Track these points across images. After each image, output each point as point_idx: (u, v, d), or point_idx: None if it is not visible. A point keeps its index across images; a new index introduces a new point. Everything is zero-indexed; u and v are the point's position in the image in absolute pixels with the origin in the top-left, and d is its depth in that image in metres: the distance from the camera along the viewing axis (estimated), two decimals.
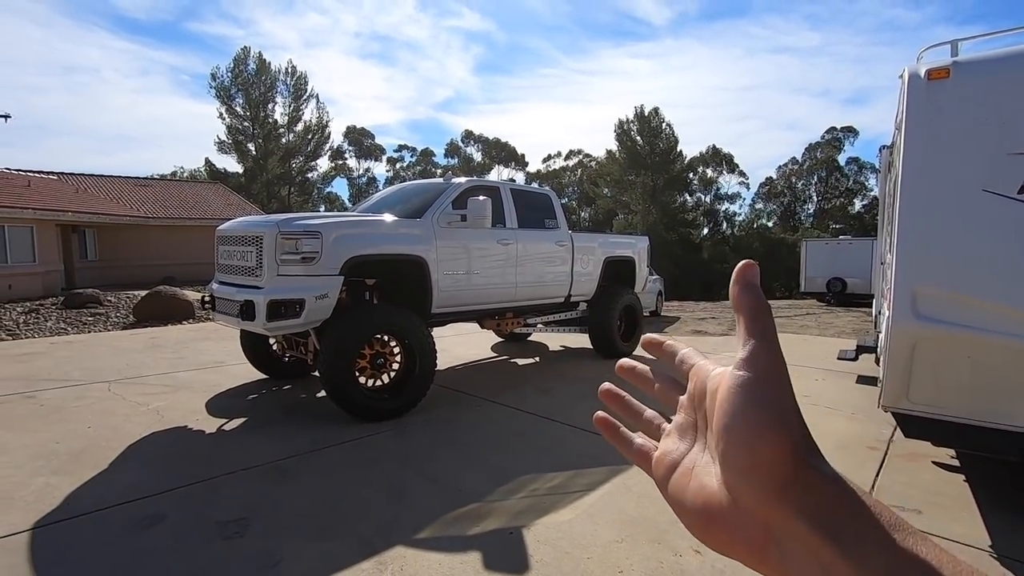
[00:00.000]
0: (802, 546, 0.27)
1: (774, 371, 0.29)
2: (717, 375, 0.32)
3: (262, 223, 4.40)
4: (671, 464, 0.34)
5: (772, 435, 0.28)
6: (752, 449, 0.28)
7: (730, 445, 0.29)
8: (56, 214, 15.69)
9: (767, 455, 0.27)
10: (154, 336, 8.88)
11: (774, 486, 0.27)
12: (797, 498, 0.27)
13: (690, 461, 0.33)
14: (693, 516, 0.32)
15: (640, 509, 2.97)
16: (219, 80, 38.39)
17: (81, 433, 4.04)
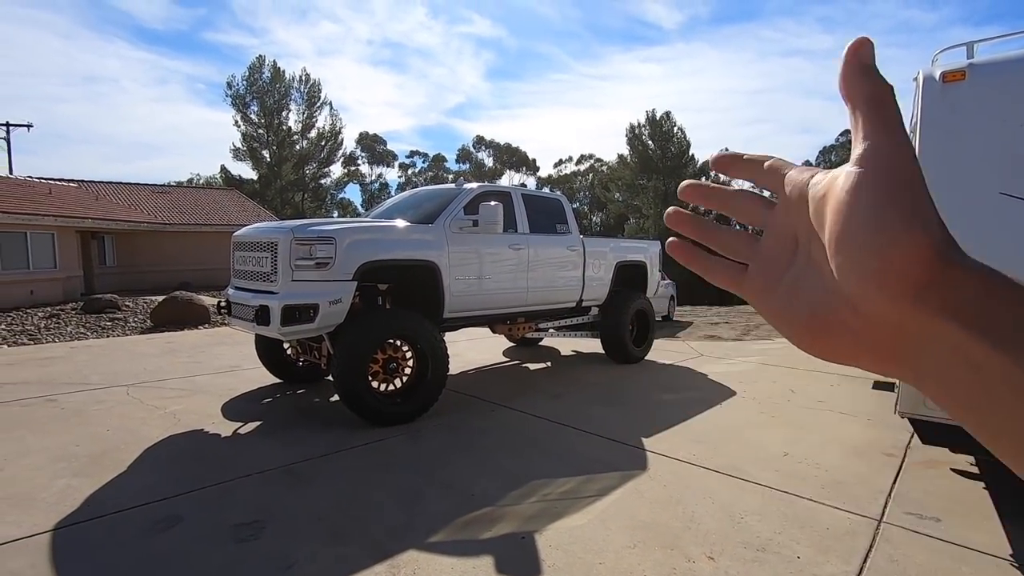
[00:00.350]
0: (947, 346, 0.25)
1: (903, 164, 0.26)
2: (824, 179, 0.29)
3: (277, 229, 4.46)
4: (769, 281, 0.32)
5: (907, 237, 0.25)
6: (882, 254, 0.25)
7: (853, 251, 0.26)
8: (76, 221, 15.99)
9: (901, 259, 0.25)
10: (171, 341, 9.01)
11: (911, 290, 0.25)
12: (939, 298, 0.25)
13: (792, 275, 0.31)
14: (802, 330, 0.30)
15: (652, 515, 2.95)
16: (235, 88, 38.98)
17: (100, 436, 4.11)
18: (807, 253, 0.30)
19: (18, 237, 14.37)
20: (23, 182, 18.52)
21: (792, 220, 0.32)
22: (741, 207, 0.36)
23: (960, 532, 2.79)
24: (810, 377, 6.32)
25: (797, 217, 0.31)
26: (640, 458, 3.78)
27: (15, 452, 3.78)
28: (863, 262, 0.26)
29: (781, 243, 0.32)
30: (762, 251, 0.34)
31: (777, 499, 3.15)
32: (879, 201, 0.25)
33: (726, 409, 5.04)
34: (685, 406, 5.08)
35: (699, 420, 4.68)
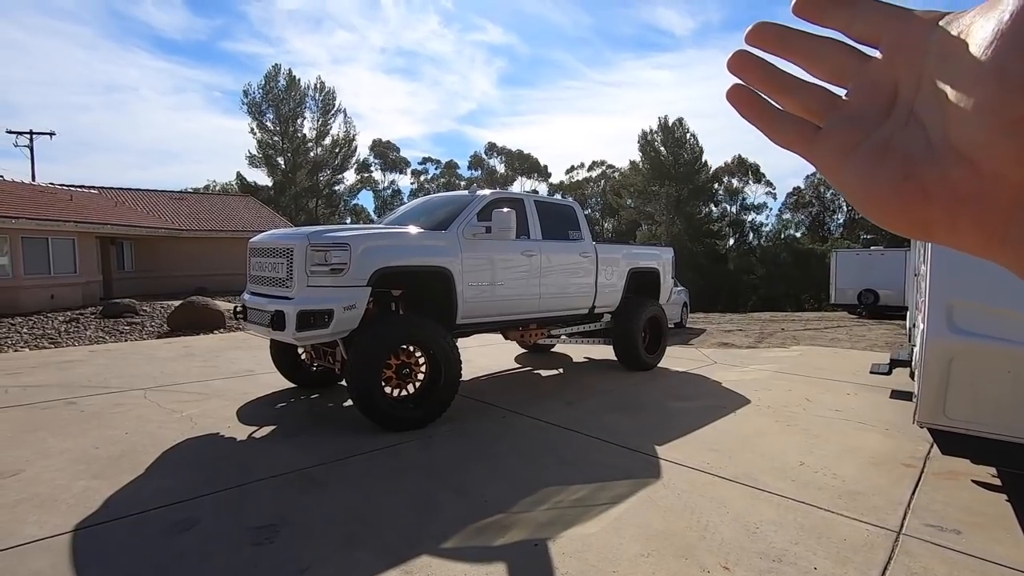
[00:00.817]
0: None
1: None
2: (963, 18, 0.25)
3: (293, 235, 4.52)
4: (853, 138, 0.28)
5: None
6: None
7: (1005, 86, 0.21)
8: (96, 227, 16.30)
9: None
10: (187, 345, 9.13)
11: None
12: None
13: (882, 135, 0.27)
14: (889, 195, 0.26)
15: (666, 523, 2.93)
16: (251, 96, 39.60)
17: (119, 439, 4.17)
18: (908, 108, 0.26)
19: (40, 242, 14.68)
20: (45, 188, 18.92)
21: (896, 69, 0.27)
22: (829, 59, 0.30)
23: (982, 545, 2.74)
24: (825, 386, 6.24)
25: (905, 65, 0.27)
26: (654, 466, 3.76)
27: (37, 454, 3.85)
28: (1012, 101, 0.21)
29: (874, 96, 0.28)
30: (846, 106, 0.29)
31: (793, 509, 3.11)
32: None
33: (740, 417, 4.99)
34: (699, 414, 5.04)
35: (713, 428, 4.64)
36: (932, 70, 0.25)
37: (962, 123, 0.23)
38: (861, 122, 0.28)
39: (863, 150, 0.27)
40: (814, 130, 0.30)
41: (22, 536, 2.73)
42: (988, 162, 0.23)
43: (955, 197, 0.24)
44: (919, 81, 0.26)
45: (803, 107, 0.31)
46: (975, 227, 0.24)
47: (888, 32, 0.28)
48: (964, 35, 0.24)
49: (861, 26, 0.29)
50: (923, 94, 0.26)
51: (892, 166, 0.26)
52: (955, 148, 0.24)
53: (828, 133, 0.29)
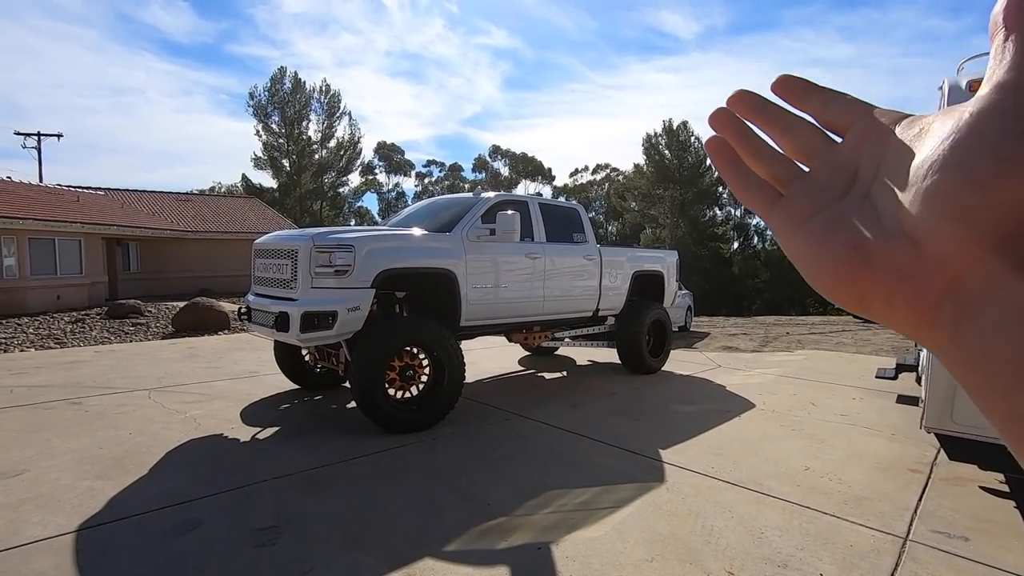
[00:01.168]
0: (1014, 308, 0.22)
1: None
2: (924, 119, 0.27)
3: (297, 237, 4.53)
4: (809, 209, 0.30)
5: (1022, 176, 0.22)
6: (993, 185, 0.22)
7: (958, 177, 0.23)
8: (102, 228, 16.39)
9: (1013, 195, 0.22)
10: (191, 346, 9.16)
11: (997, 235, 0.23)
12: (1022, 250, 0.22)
13: (840, 210, 0.28)
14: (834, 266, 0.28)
15: (671, 528, 2.92)
16: (256, 99, 39.78)
17: (123, 439, 4.18)
18: (864, 191, 0.28)
19: (47, 243, 14.76)
20: (52, 190, 19.05)
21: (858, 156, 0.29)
22: (799, 137, 0.32)
23: (990, 552, 2.71)
24: (831, 390, 6.20)
25: (867, 153, 0.29)
26: (658, 470, 3.74)
27: (41, 454, 3.86)
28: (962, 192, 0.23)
29: (836, 176, 0.30)
30: (809, 179, 0.31)
31: (799, 514, 3.09)
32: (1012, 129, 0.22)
33: (745, 421, 4.96)
34: (703, 418, 5.02)
35: (717, 432, 4.62)
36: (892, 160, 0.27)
37: (914, 206, 0.25)
38: (819, 196, 0.30)
39: (816, 221, 0.29)
40: (776, 196, 0.32)
41: (25, 536, 2.74)
42: (932, 245, 0.24)
43: (896, 274, 0.25)
44: (878, 170, 0.28)
45: (770, 173, 0.33)
46: (909, 306, 0.26)
47: (856, 123, 0.30)
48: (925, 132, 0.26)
49: (832, 114, 0.31)
50: (879, 181, 0.28)
51: (841, 238, 0.28)
52: (904, 228, 0.25)
53: (787, 202, 0.31)
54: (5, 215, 13.38)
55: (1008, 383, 0.22)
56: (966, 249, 0.23)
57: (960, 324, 0.24)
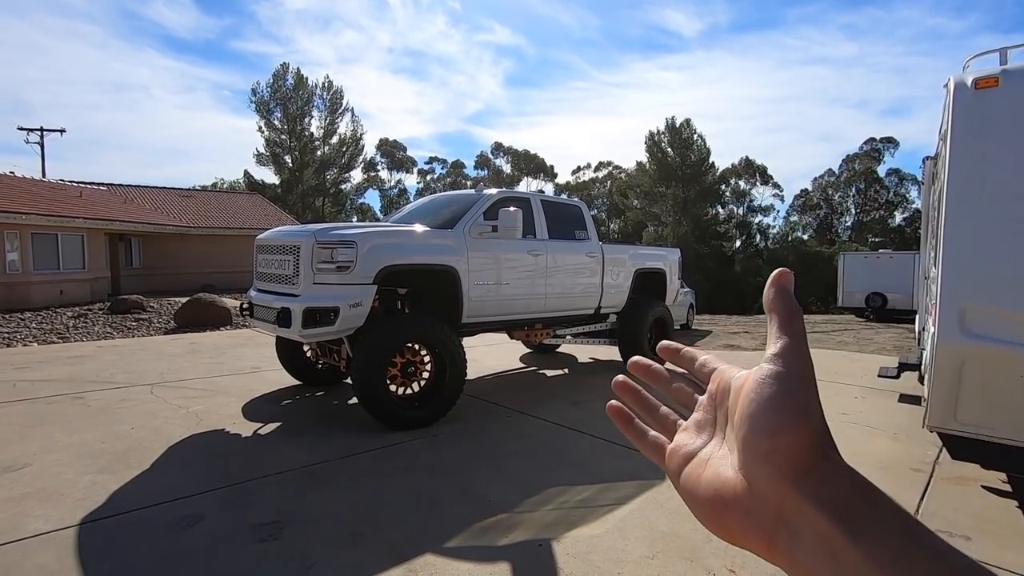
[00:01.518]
0: (814, 533, 0.28)
1: (802, 368, 0.31)
2: (743, 375, 0.35)
3: (299, 233, 4.52)
4: (686, 455, 0.36)
5: (795, 424, 0.29)
6: (774, 435, 0.29)
7: (752, 431, 0.30)
8: (105, 223, 16.40)
9: (788, 442, 0.29)
10: (194, 341, 9.17)
11: (792, 472, 0.29)
12: (813, 486, 0.28)
13: (706, 454, 0.35)
14: (705, 504, 0.33)
15: (672, 525, 2.91)
16: (259, 95, 39.77)
17: (125, 434, 4.19)
18: (721, 437, 0.35)
19: (50, 238, 14.78)
20: (56, 185, 19.07)
21: (714, 407, 0.37)
22: (677, 390, 0.42)
23: (992, 552, 2.70)
24: (832, 389, 6.19)
25: (719, 405, 0.37)
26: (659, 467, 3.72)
27: (43, 448, 3.87)
28: (759, 441, 0.30)
29: (702, 424, 0.38)
30: (685, 431, 0.39)
31: None
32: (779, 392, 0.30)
33: None
34: None
35: None
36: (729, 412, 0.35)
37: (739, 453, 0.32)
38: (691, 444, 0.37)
39: (691, 465, 0.35)
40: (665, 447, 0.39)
41: (28, 530, 2.74)
42: (755, 484, 0.30)
43: (741, 511, 0.31)
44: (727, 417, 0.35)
45: (659, 425, 0.42)
46: (756, 535, 0.31)
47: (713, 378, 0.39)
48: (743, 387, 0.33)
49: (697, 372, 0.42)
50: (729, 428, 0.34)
51: (706, 481, 0.33)
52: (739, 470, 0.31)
53: (672, 451, 0.38)
54: (8, 210, 13.40)
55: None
56: (776, 485, 0.29)
57: (791, 549, 0.29)
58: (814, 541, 0.28)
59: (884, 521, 0.27)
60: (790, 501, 0.29)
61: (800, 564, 0.28)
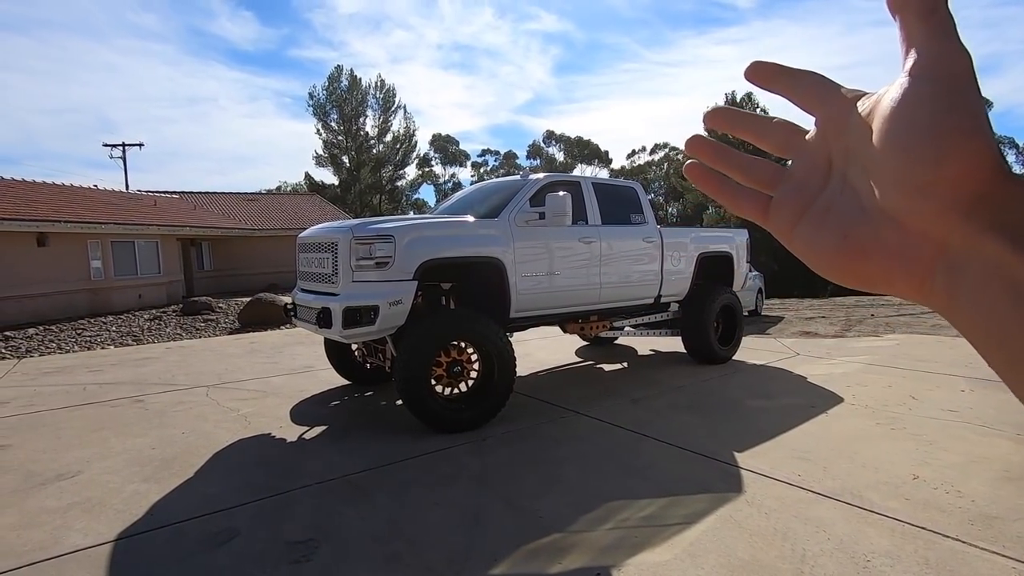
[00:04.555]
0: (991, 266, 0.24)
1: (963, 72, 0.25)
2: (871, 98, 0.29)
3: (337, 229, 4.35)
4: (800, 205, 0.32)
5: (970, 144, 0.24)
6: (941, 161, 0.24)
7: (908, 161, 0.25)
8: (176, 229, 17.25)
9: (960, 167, 0.24)
10: (254, 341, 9.37)
11: (964, 202, 0.25)
12: (991, 212, 0.24)
13: (824, 200, 0.31)
14: (835, 254, 0.30)
15: (753, 551, 2.49)
16: (315, 98, 40.94)
17: (175, 439, 4.16)
18: (842, 176, 0.30)
19: (127, 246, 15.67)
20: (132, 195, 20.27)
21: (828, 143, 0.31)
22: (773, 135, 0.35)
23: None
24: (933, 380, 5.45)
25: (835, 139, 0.31)
26: (734, 477, 3.29)
27: (98, 454, 3.89)
28: (916, 171, 0.25)
29: (813, 168, 0.32)
30: (791, 177, 0.33)
31: (912, 537, 2.58)
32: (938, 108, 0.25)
33: (833, 419, 4.39)
34: (783, 414, 4.48)
35: (801, 432, 4.08)
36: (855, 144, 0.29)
37: (884, 190, 0.27)
38: (803, 191, 0.32)
39: (808, 217, 0.31)
40: (767, 201, 0.35)
41: (66, 545, 2.68)
42: (909, 221, 0.26)
43: (887, 253, 0.28)
44: (847, 153, 0.30)
45: (755, 180, 0.36)
46: (907, 277, 0.27)
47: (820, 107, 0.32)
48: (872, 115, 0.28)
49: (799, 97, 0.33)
50: (851, 165, 0.30)
51: (832, 228, 0.30)
52: (883, 211, 0.27)
53: (778, 204, 0.34)
54: (91, 220, 14.28)
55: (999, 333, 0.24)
56: (939, 219, 0.25)
57: (952, 286, 0.26)
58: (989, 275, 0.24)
59: None
60: (958, 234, 0.25)
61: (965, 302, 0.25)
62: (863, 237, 0.28)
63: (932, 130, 0.24)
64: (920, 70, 0.26)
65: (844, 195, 0.30)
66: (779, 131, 0.35)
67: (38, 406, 5.23)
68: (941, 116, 0.24)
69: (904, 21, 0.27)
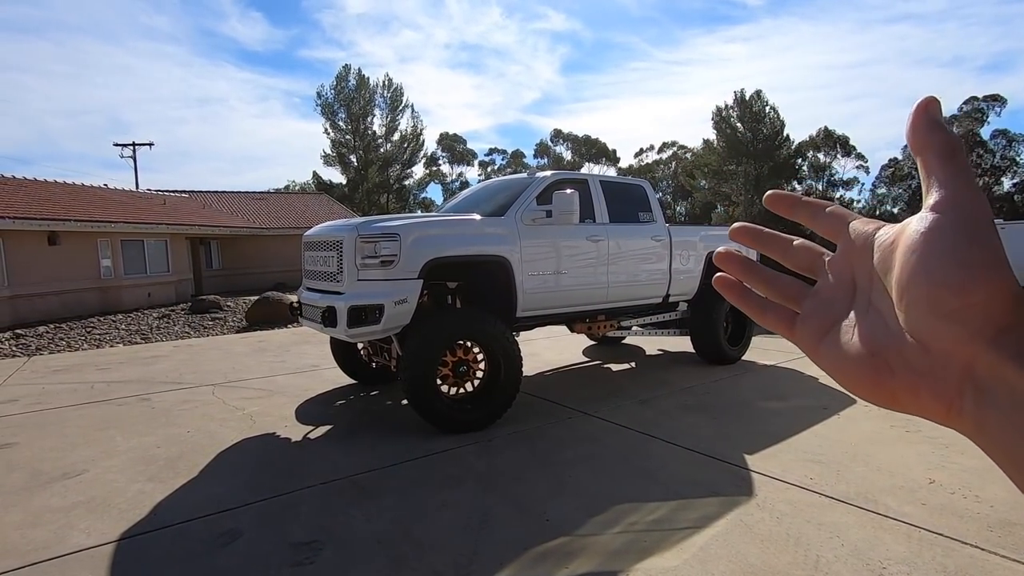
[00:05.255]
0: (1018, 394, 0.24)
1: (982, 209, 0.27)
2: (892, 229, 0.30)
3: (342, 227, 4.32)
4: (825, 323, 0.33)
5: (991, 275, 0.25)
6: (964, 291, 0.25)
7: (933, 288, 0.26)
8: (185, 228, 17.34)
9: (983, 296, 0.25)
10: (261, 340, 9.38)
11: (989, 329, 0.25)
12: (1016, 342, 0.25)
13: (852, 319, 0.32)
14: (861, 372, 0.30)
15: (765, 557, 2.43)
16: (323, 97, 40.97)
17: (180, 438, 4.15)
18: (867, 298, 0.31)
19: (137, 244, 15.77)
20: (142, 195, 20.40)
21: (852, 266, 0.33)
22: (796, 256, 0.37)
23: None
24: None
25: (858, 263, 0.32)
26: (744, 480, 3.23)
27: (103, 453, 3.88)
28: (943, 297, 0.26)
29: (838, 288, 0.33)
30: (816, 296, 0.35)
31: (929, 544, 2.51)
32: (960, 241, 0.26)
33: (846, 420, 4.31)
34: (795, 416, 4.40)
35: (813, 434, 4.01)
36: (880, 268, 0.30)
37: (910, 315, 0.27)
38: (830, 310, 0.33)
39: (833, 334, 0.32)
40: (793, 316, 0.36)
41: (70, 545, 2.66)
42: (937, 345, 0.27)
43: (914, 373, 0.28)
44: (871, 277, 0.31)
45: (778, 295, 0.37)
46: (935, 399, 0.27)
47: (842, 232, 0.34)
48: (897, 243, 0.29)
49: (821, 226, 0.35)
50: (876, 288, 0.31)
51: (859, 347, 0.30)
52: (910, 333, 0.28)
53: (804, 319, 0.35)
54: (101, 219, 14.37)
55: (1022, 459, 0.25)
56: (966, 345, 0.26)
57: (980, 412, 0.26)
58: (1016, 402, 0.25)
59: None
60: (984, 360, 0.25)
61: (992, 427, 0.26)
62: (890, 357, 0.29)
63: (957, 258, 0.26)
64: (943, 205, 0.27)
65: (870, 315, 0.31)
66: (803, 253, 0.37)
67: (45, 404, 5.24)
68: (964, 247, 0.26)
69: (924, 161, 0.29)
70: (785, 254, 0.38)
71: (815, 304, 0.34)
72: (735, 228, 0.40)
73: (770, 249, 0.38)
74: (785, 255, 0.38)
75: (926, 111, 0.30)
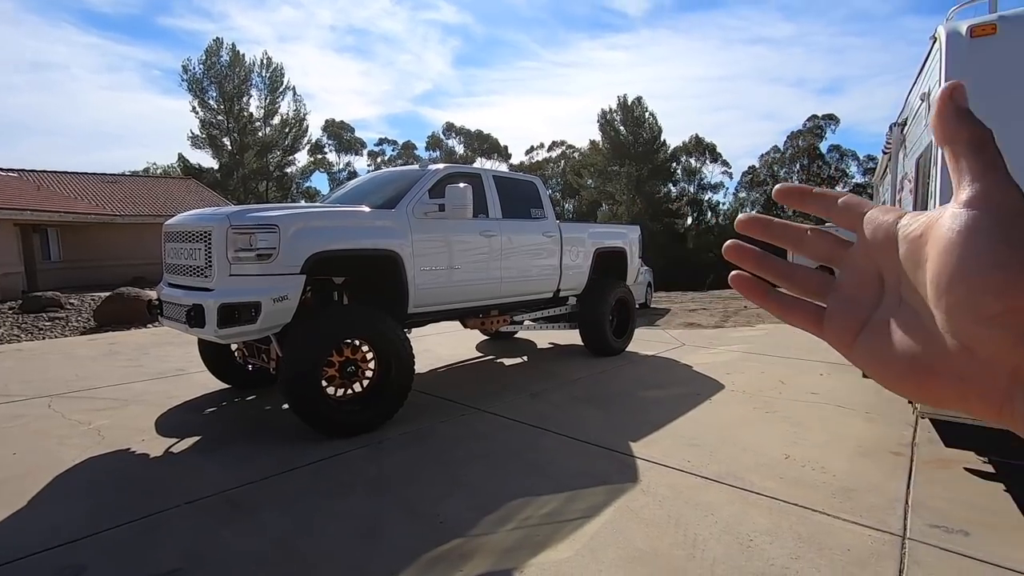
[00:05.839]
0: None
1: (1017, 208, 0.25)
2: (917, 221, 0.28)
3: (211, 216, 3.90)
4: (856, 320, 0.31)
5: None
6: (1005, 295, 0.24)
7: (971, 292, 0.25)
8: (13, 213, 14.83)
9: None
10: (113, 342, 8.28)
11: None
12: None
13: (881, 317, 0.30)
14: (904, 375, 0.29)
15: (650, 540, 2.56)
16: (191, 73, 37.05)
17: (5, 461, 3.52)
18: (897, 294, 0.30)
19: None
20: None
21: (875, 260, 0.31)
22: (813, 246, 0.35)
23: (994, 548, 2.47)
24: (797, 366, 6.04)
25: (882, 257, 0.31)
26: (630, 468, 3.38)
27: None
28: (985, 302, 0.25)
29: (863, 282, 0.32)
30: (840, 289, 0.33)
31: (787, 514, 2.79)
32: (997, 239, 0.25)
33: (716, 405, 4.69)
34: (673, 403, 4.72)
35: (689, 419, 4.32)
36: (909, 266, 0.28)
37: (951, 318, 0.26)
38: (859, 305, 0.32)
39: (868, 332, 0.31)
40: (819, 311, 0.34)
41: None
42: (980, 348, 0.25)
43: (960, 378, 0.27)
44: (899, 273, 0.29)
45: (800, 289, 0.35)
46: (984, 402, 0.26)
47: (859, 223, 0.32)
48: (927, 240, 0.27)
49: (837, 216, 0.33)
50: (905, 285, 0.29)
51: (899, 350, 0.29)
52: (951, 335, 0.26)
53: (832, 315, 0.33)
54: None
55: None
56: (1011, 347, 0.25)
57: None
58: None
59: None
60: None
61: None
62: (934, 360, 0.27)
63: (995, 260, 0.24)
64: (975, 202, 0.26)
65: (903, 312, 0.29)
66: (819, 242, 0.35)
67: None
68: (1002, 247, 0.24)
69: (953, 153, 0.27)
70: (799, 244, 0.36)
71: (840, 300, 0.33)
72: (742, 220, 0.37)
73: (783, 240, 0.36)
74: (799, 245, 0.36)
75: (951, 98, 0.28)
